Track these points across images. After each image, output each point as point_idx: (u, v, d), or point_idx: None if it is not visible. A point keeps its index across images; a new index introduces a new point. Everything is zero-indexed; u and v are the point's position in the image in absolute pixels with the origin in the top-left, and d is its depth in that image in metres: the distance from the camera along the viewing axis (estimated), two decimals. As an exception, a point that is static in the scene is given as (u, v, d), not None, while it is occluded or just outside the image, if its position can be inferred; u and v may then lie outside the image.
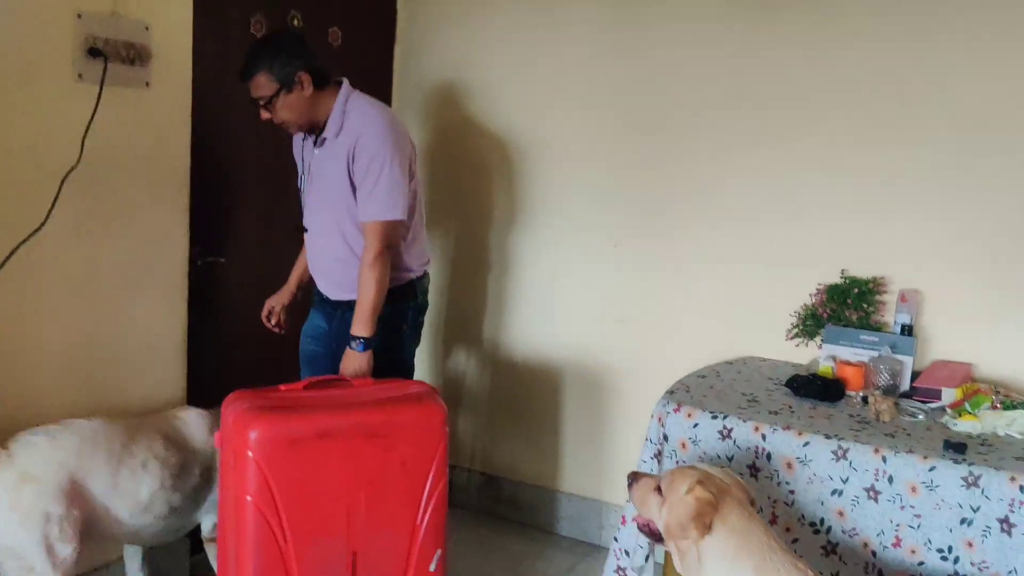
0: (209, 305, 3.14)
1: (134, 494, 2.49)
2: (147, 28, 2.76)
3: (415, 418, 2.35)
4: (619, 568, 2.61)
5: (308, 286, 3.06)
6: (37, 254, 2.56)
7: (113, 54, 2.65)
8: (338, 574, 2.26)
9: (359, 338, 2.67)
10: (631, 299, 3.46)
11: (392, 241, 2.71)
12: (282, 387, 2.39)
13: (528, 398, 3.70)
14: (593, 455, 3.56)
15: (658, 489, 2.03)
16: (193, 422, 2.68)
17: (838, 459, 2.31)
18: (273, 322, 3.07)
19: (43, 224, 2.51)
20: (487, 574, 3.26)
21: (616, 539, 2.63)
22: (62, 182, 2.57)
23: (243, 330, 3.20)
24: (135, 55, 2.72)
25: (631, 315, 3.46)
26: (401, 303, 2.84)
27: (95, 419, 2.52)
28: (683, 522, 1.91)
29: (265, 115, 2.72)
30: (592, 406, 3.55)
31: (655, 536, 2.07)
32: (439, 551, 2.38)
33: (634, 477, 2.14)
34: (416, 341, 3.00)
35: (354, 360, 2.68)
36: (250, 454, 2.15)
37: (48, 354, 2.65)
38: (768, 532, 1.95)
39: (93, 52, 2.60)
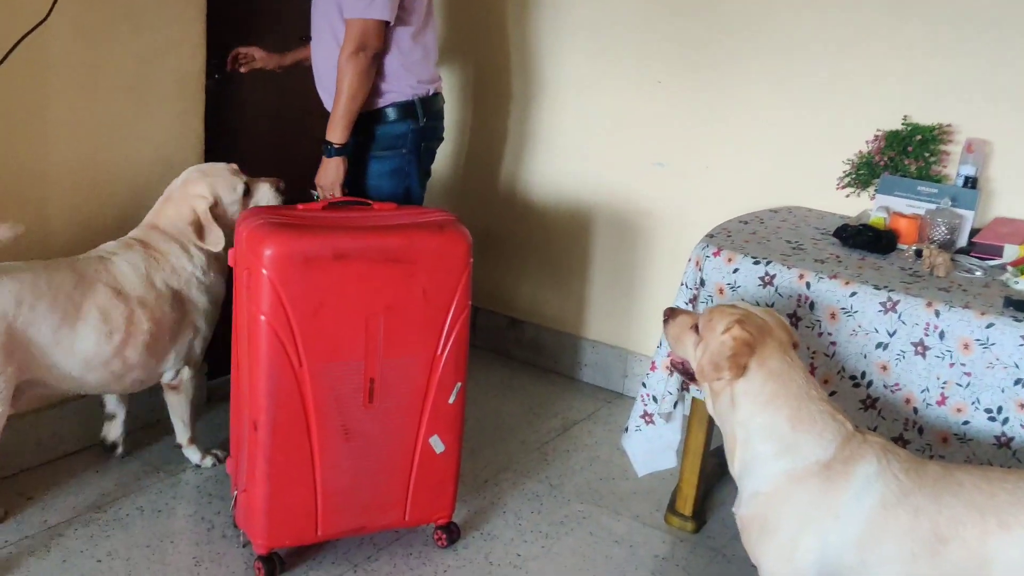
0: (226, 125, 2.98)
1: (82, 349, 2.24)
2: None
3: (438, 245, 2.21)
4: (645, 414, 2.53)
5: (294, 69, 2.91)
6: (39, 55, 2.39)
7: None
8: (354, 400, 2.18)
9: (328, 143, 2.56)
10: (671, 141, 3.25)
11: (369, 43, 2.50)
12: (299, 206, 2.25)
13: (556, 241, 3.56)
14: (621, 302, 3.45)
15: (695, 328, 1.90)
16: (124, 267, 2.37)
17: (886, 311, 2.17)
18: (238, 62, 2.89)
19: (46, 17, 2.32)
20: (506, 414, 3.22)
21: (644, 384, 2.54)
22: (65, -26, 2.37)
23: (262, 154, 3.05)
24: None
25: (670, 158, 3.26)
26: (399, 122, 2.66)
27: (32, 262, 2.25)
28: (718, 362, 1.79)
29: None
30: (623, 252, 3.40)
31: (688, 376, 1.97)
32: (459, 384, 2.29)
33: (670, 313, 2.01)
34: (423, 171, 2.79)
35: (323, 167, 2.58)
36: (264, 272, 2.04)
37: (52, 167, 2.52)
38: (808, 379, 1.83)
39: None
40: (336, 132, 2.55)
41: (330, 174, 2.59)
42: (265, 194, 2.61)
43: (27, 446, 2.58)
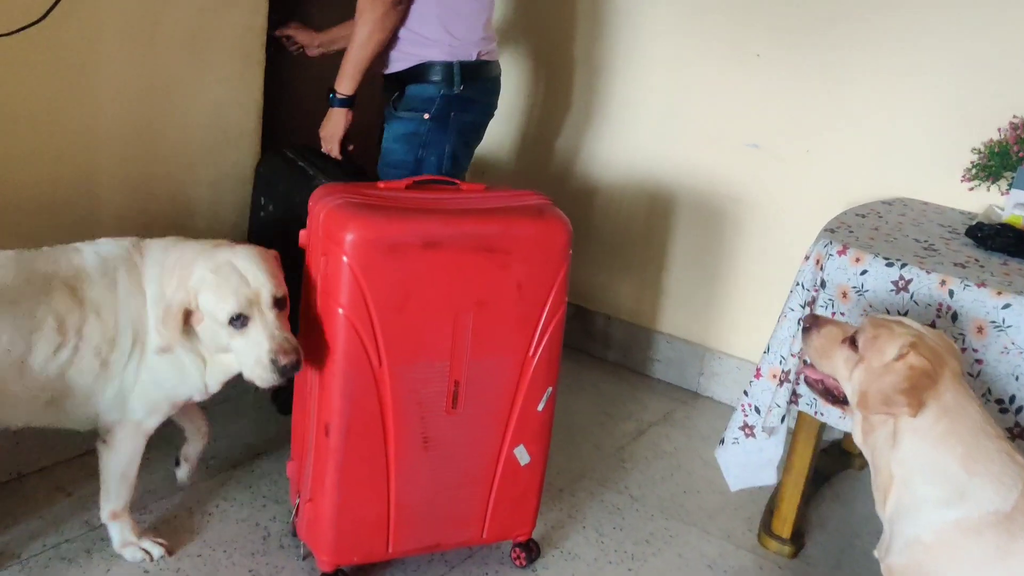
0: (286, 87, 2.72)
1: (30, 365, 1.74)
2: None
3: (536, 233, 1.95)
4: (746, 425, 2.28)
5: (330, 48, 2.67)
6: (89, 6, 2.13)
7: None
8: (436, 405, 1.94)
9: (332, 91, 2.36)
10: (768, 120, 2.96)
11: None
12: (381, 184, 1.99)
13: (632, 226, 3.29)
14: (701, 295, 3.18)
15: (850, 342, 1.64)
16: (92, 258, 1.84)
17: (1047, 327, 1.90)
18: (283, 33, 2.67)
19: (98, -38, 2.07)
20: (577, 414, 2.97)
21: (746, 392, 2.28)
22: (122, -88, 2.10)
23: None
24: None
25: (766, 139, 2.97)
26: (430, 84, 2.37)
27: None
28: (889, 395, 1.52)
29: None
30: (707, 241, 3.13)
31: (830, 397, 1.71)
32: (550, 389, 2.05)
33: (814, 321, 1.75)
34: (449, 145, 2.44)
35: (327, 117, 2.40)
36: (345, 259, 1.79)
37: (100, 127, 2.27)
38: (984, 414, 1.57)
39: None
40: (343, 80, 2.34)
41: (330, 125, 2.40)
42: (253, 345, 1.79)
43: (63, 435, 2.35)
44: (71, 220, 2.21)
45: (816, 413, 2.22)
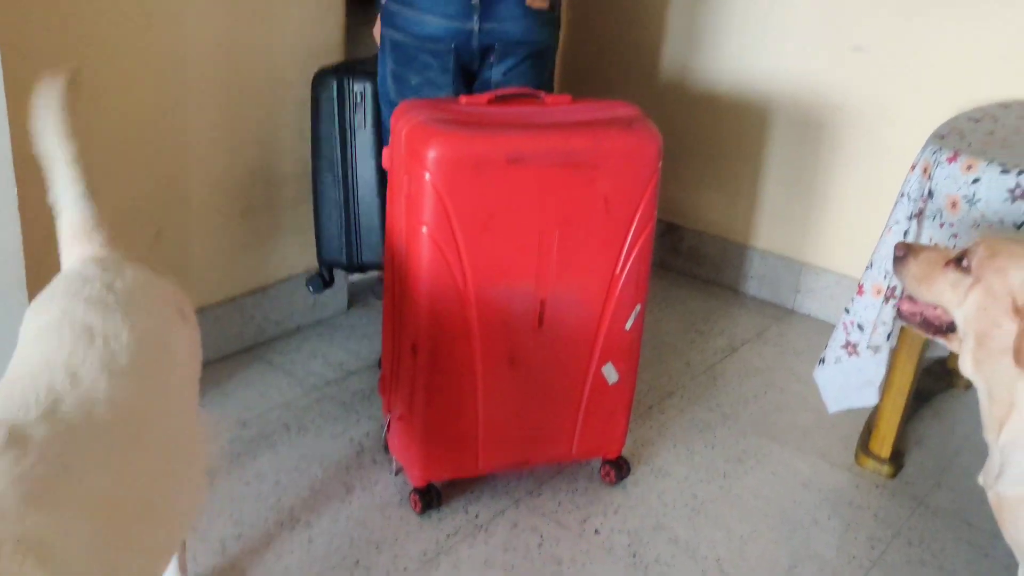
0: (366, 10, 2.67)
1: None
2: None
3: (624, 146, 1.89)
4: (848, 343, 2.19)
5: None
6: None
7: None
8: (522, 325, 1.92)
9: None
10: (875, 20, 2.77)
11: None
12: (463, 98, 1.95)
13: (723, 135, 3.16)
14: (797, 208, 3.06)
15: (955, 264, 1.53)
16: None
17: None
18: None
19: None
20: (666, 331, 2.92)
21: (847, 310, 2.19)
22: None
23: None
24: None
25: (872, 41, 2.79)
26: None
27: None
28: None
29: None
30: (806, 152, 2.99)
31: (931, 328, 1.60)
32: (638, 306, 2.01)
33: (908, 249, 1.63)
34: (392, 68, 2.24)
35: None
36: (427, 176, 1.76)
37: (189, 48, 2.28)
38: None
39: None
40: None
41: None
42: None
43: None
44: (162, 137, 2.25)
45: (920, 330, 2.12)
